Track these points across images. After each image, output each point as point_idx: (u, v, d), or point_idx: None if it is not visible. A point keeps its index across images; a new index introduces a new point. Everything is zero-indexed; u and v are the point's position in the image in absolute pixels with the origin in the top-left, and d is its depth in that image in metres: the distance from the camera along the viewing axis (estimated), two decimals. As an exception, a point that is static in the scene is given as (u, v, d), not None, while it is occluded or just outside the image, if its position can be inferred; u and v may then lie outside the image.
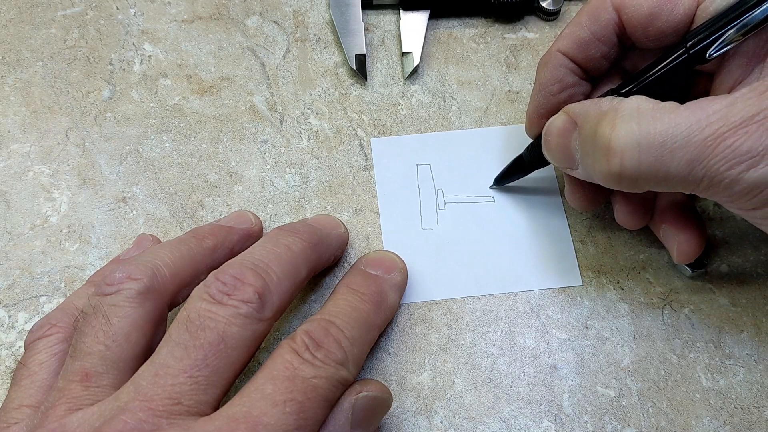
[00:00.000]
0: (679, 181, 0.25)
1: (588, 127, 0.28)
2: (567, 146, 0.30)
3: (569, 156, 0.30)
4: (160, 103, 0.41)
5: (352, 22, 0.42)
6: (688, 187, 0.26)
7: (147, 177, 0.38)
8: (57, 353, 0.28)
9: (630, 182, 0.26)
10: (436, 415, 0.32)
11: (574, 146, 0.29)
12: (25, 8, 0.44)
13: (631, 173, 0.26)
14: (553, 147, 0.31)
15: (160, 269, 0.28)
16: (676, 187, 0.26)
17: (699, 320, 0.34)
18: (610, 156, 0.26)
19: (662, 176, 0.25)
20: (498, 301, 0.35)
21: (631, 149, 0.25)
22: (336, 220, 0.35)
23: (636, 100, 0.26)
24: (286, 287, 0.28)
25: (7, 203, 0.37)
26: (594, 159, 0.27)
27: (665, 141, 0.24)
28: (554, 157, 0.31)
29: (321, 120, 0.40)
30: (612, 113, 0.26)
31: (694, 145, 0.24)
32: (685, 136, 0.24)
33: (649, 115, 0.25)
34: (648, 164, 0.25)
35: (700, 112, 0.24)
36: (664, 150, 0.24)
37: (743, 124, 0.23)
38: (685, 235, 0.32)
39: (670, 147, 0.24)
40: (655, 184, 0.26)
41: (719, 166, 0.24)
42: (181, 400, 0.24)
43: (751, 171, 0.23)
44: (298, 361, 0.26)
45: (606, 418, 0.32)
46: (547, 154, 0.32)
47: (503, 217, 0.37)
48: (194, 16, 0.44)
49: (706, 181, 0.25)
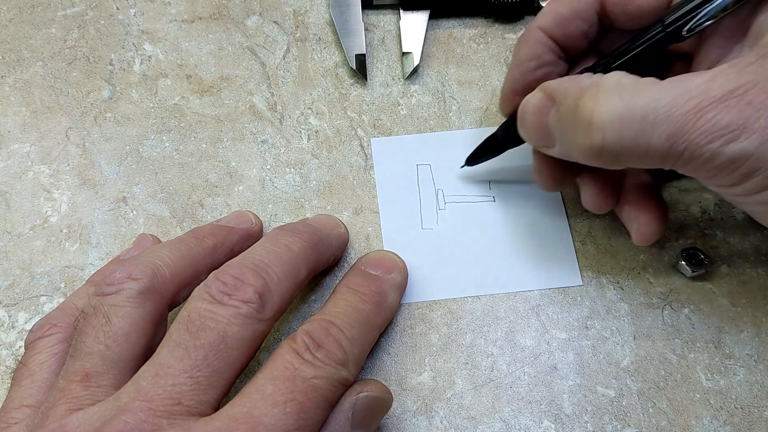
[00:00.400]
0: (660, 156, 0.25)
1: (567, 103, 0.27)
2: (544, 124, 0.29)
3: (546, 133, 0.29)
4: (160, 103, 0.41)
5: (352, 22, 0.42)
6: (668, 162, 0.26)
7: (147, 177, 0.38)
8: (57, 353, 0.28)
9: (611, 157, 0.26)
10: (436, 415, 0.32)
11: (552, 123, 0.29)
12: (25, 8, 0.44)
13: (612, 147, 0.25)
14: (529, 124, 0.30)
15: (160, 269, 0.28)
16: (656, 162, 0.26)
17: (699, 320, 0.34)
18: (591, 130, 0.26)
19: (643, 150, 0.25)
20: (498, 301, 0.35)
21: (613, 123, 0.25)
22: (336, 220, 0.35)
23: (616, 75, 0.26)
24: (286, 287, 0.28)
25: (7, 203, 0.37)
26: (574, 134, 0.27)
27: (647, 114, 0.24)
28: (530, 135, 0.31)
29: (321, 120, 0.40)
30: (593, 88, 0.26)
31: (675, 120, 0.24)
32: (667, 110, 0.24)
33: (631, 88, 0.25)
34: (630, 138, 0.25)
35: (681, 87, 0.24)
36: (646, 124, 0.25)
37: (723, 98, 0.23)
38: (645, 217, 0.32)
39: (651, 121, 0.24)
40: (636, 159, 0.26)
41: (699, 140, 0.24)
42: (181, 401, 0.24)
43: (730, 145, 0.24)
44: (298, 362, 0.26)
45: (606, 418, 0.32)
46: (522, 132, 0.31)
47: (503, 217, 0.37)
48: (194, 16, 0.44)
49: (686, 155, 0.25)
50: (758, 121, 0.23)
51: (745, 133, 0.23)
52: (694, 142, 0.24)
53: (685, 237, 0.37)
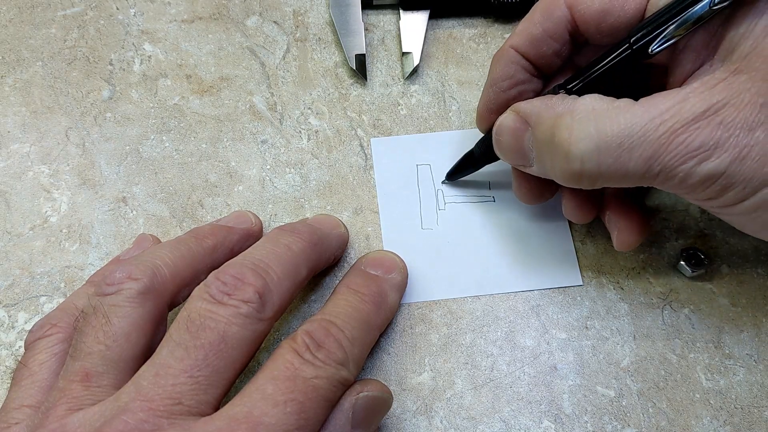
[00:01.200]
0: (638, 178, 0.26)
1: (543, 130, 0.28)
2: (520, 146, 0.30)
3: (522, 155, 0.30)
4: (160, 103, 0.41)
5: (352, 22, 0.42)
6: (645, 182, 0.26)
7: (147, 177, 0.38)
8: (57, 353, 0.28)
9: (590, 182, 0.27)
10: (436, 415, 0.32)
11: (528, 146, 0.30)
12: (25, 8, 0.44)
13: (591, 174, 0.27)
14: (505, 146, 0.31)
15: (160, 269, 0.28)
16: (634, 182, 0.27)
17: (699, 320, 0.34)
18: (569, 159, 0.27)
19: (621, 174, 0.26)
20: (498, 301, 0.35)
21: (590, 153, 0.26)
22: (336, 220, 0.35)
23: (590, 100, 0.27)
24: (286, 287, 0.28)
25: (7, 203, 0.37)
26: (553, 160, 0.28)
27: (622, 142, 0.25)
28: (506, 156, 0.32)
29: (321, 120, 0.40)
30: (568, 116, 0.27)
31: (650, 144, 0.25)
32: (641, 135, 0.25)
33: (605, 115, 0.26)
34: (607, 165, 0.26)
35: (653, 110, 0.25)
36: (622, 150, 0.25)
37: (695, 120, 0.24)
38: (625, 224, 0.33)
39: (627, 146, 0.25)
40: (615, 181, 0.27)
41: (674, 162, 0.25)
42: (181, 400, 0.24)
43: (703, 164, 0.25)
44: (298, 361, 0.26)
45: (606, 418, 0.32)
46: (499, 153, 0.32)
47: (503, 217, 0.37)
48: (194, 16, 0.44)
49: (662, 176, 0.26)
50: (729, 140, 0.24)
51: (716, 153, 0.24)
52: (668, 164, 0.25)
53: (685, 237, 0.37)
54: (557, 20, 0.30)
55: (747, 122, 0.24)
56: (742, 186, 0.25)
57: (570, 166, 0.27)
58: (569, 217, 0.34)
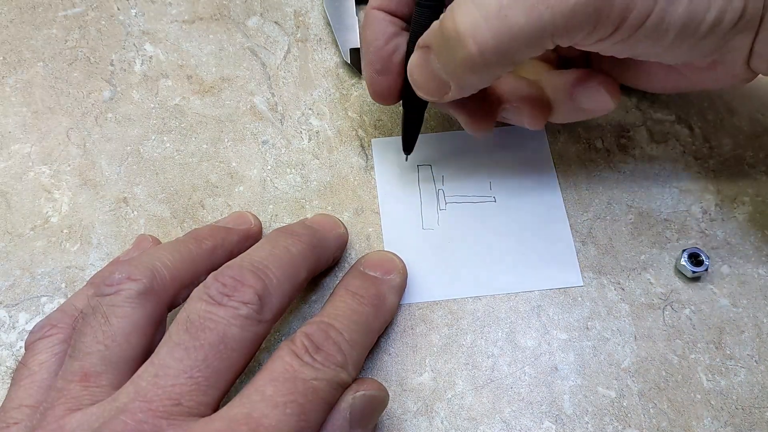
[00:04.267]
0: (534, 34, 0.26)
1: (436, 37, 0.28)
2: (431, 72, 0.30)
3: (438, 80, 0.30)
4: (160, 103, 0.41)
5: (346, 16, 0.42)
6: (546, 36, 0.26)
7: (148, 177, 0.38)
8: (57, 354, 0.28)
9: (495, 59, 0.27)
10: (436, 415, 0.32)
11: (436, 67, 0.29)
12: (26, 9, 0.44)
13: (489, 47, 0.26)
14: (421, 81, 0.31)
15: (159, 270, 0.28)
16: (537, 43, 0.26)
17: (700, 321, 0.34)
18: (463, 43, 0.27)
19: (517, 34, 0.26)
20: (499, 301, 0.35)
21: (477, 25, 0.26)
22: (335, 220, 0.35)
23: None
24: (285, 289, 0.28)
25: (8, 204, 0.37)
26: (454, 57, 0.28)
27: (501, 1, 0.25)
28: (425, 89, 0.31)
29: (322, 120, 0.40)
30: (448, 11, 0.27)
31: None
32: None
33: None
34: (497, 30, 0.26)
35: None
36: (504, 9, 0.25)
37: None
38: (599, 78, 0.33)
39: (507, 4, 0.25)
40: (517, 49, 0.27)
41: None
42: (180, 401, 0.24)
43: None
44: (298, 363, 0.26)
45: (607, 418, 0.32)
46: (419, 92, 0.32)
47: (504, 217, 0.37)
48: (195, 17, 0.44)
49: (558, 18, 0.25)
50: None
51: None
52: (557, 1, 0.25)
53: (685, 237, 0.36)
54: None
55: None
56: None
57: (468, 50, 0.27)
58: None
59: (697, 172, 0.38)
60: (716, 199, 0.38)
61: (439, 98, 0.31)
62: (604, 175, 0.38)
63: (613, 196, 0.38)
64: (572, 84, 0.33)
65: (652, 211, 0.37)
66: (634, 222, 0.37)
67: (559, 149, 0.39)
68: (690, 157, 0.39)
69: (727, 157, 0.39)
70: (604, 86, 0.32)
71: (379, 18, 0.33)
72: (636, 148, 0.39)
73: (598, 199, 0.38)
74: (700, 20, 0.26)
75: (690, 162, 0.39)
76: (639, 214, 0.37)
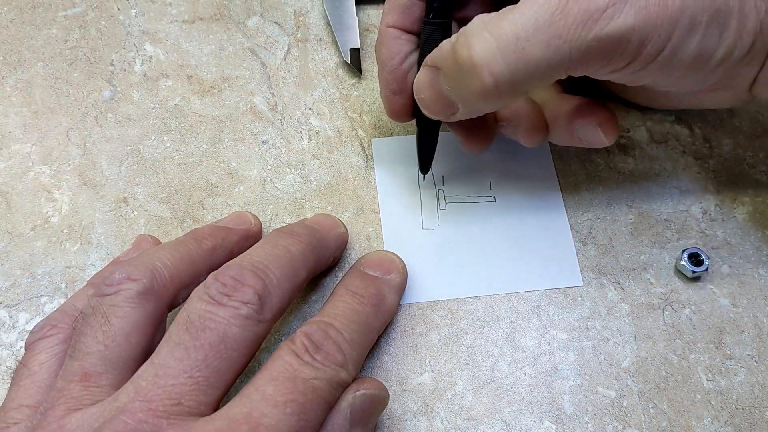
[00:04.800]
0: (551, 67, 0.26)
1: (448, 63, 0.28)
2: (440, 93, 0.30)
3: (445, 101, 0.30)
4: (161, 103, 0.41)
5: (346, 16, 0.42)
6: (561, 69, 0.26)
7: (148, 177, 0.38)
8: (57, 354, 0.28)
9: (508, 89, 0.27)
10: (436, 415, 0.32)
11: (445, 89, 0.29)
12: (26, 9, 0.44)
13: (504, 79, 0.26)
14: (429, 102, 0.31)
15: (159, 270, 0.28)
16: (551, 75, 0.27)
17: (700, 321, 0.34)
18: (478, 73, 0.27)
19: (533, 68, 0.26)
20: (499, 301, 0.35)
21: (493, 56, 0.26)
22: (335, 220, 0.35)
23: (477, 18, 0.27)
24: (285, 289, 0.28)
25: (8, 203, 0.37)
26: (467, 85, 0.28)
27: (518, 33, 0.25)
28: (433, 109, 0.31)
29: (322, 120, 0.40)
30: (462, 38, 0.27)
31: (546, 25, 0.25)
32: (534, 21, 0.25)
33: (494, 21, 0.26)
34: (514, 62, 0.26)
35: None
36: (521, 41, 0.25)
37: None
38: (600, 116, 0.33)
39: (524, 36, 0.25)
40: (531, 81, 0.27)
41: (579, 33, 0.25)
42: (181, 401, 0.24)
43: (611, 24, 0.25)
44: (298, 363, 0.26)
45: (607, 418, 0.32)
46: (426, 111, 0.32)
47: (504, 217, 0.37)
48: (195, 17, 0.44)
49: (575, 53, 0.25)
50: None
51: (617, 8, 0.25)
52: (574, 37, 0.25)
53: (686, 237, 0.37)
54: None
55: None
56: (656, 34, 0.25)
57: (482, 81, 0.27)
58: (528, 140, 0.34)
59: (697, 172, 0.38)
60: (716, 199, 0.38)
61: (445, 118, 0.31)
62: (604, 175, 0.39)
63: (613, 196, 0.38)
64: (572, 114, 0.33)
65: (652, 211, 0.37)
66: (634, 222, 0.37)
67: (559, 149, 0.39)
68: (690, 157, 0.39)
69: (727, 157, 0.39)
70: (601, 126, 0.33)
71: (393, 36, 0.33)
72: (636, 148, 0.39)
73: (598, 199, 0.38)
74: (710, 55, 0.27)
75: (690, 162, 0.39)
76: (639, 214, 0.37)
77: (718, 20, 0.26)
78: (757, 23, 0.26)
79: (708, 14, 0.26)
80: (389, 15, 0.33)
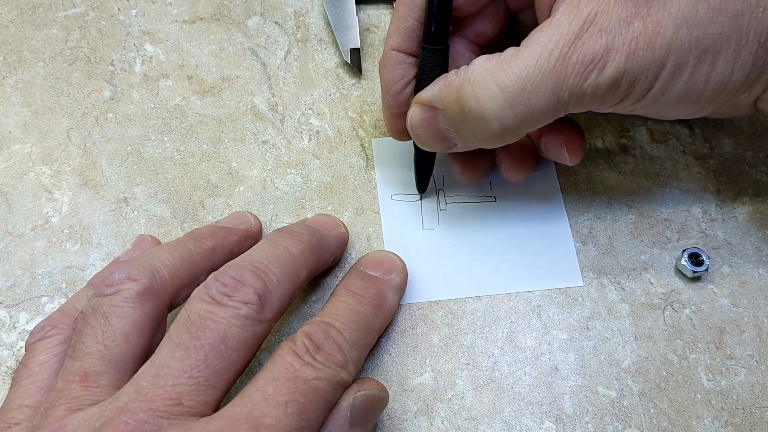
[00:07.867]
0: (553, 111, 0.28)
1: (451, 108, 0.30)
2: (437, 131, 0.31)
3: (443, 138, 0.31)
4: (161, 103, 0.41)
5: (346, 16, 0.42)
6: (561, 112, 0.28)
7: (148, 177, 0.38)
8: (58, 354, 0.28)
9: (513, 134, 0.29)
10: (437, 415, 0.32)
11: (444, 128, 0.31)
12: (27, 9, 0.44)
13: (511, 127, 0.28)
14: (425, 138, 0.32)
15: (159, 270, 0.28)
16: (552, 117, 0.29)
17: (700, 321, 0.34)
18: (486, 122, 0.28)
19: (538, 115, 0.28)
20: (499, 301, 0.35)
21: (501, 108, 0.28)
22: (335, 220, 0.35)
23: (480, 63, 0.28)
24: (285, 289, 0.28)
25: (9, 204, 0.37)
26: (473, 130, 0.29)
27: (525, 86, 0.27)
28: (429, 145, 0.33)
29: (322, 120, 0.40)
30: (467, 86, 0.28)
31: (549, 75, 0.27)
32: (537, 72, 0.27)
33: (499, 70, 0.27)
34: (522, 112, 0.28)
35: (538, 46, 0.27)
36: (528, 93, 0.27)
37: (577, 37, 0.26)
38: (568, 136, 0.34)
39: (531, 88, 0.27)
40: (535, 124, 0.29)
41: (578, 81, 0.27)
42: (181, 401, 0.24)
43: (604, 71, 0.27)
44: (298, 363, 0.26)
45: (607, 418, 0.32)
46: (422, 146, 0.33)
47: (504, 217, 0.37)
48: (195, 17, 0.44)
49: (573, 99, 0.27)
50: (615, 40, 0.26)
51: (610, 56, 0.26)
52: (574, 86, 0.27)
53: (686, 237, 0.37)
54: (422, 6, 0.31)
55: (621, 19, 0.26)
56: (644, 76, 0.27)
57: (490, 128, 0.28)
58: (512, 176, 0.36)
59: (698, 172, 0.38)
60: (716, 199, 0.38)
61: (441, 151, 0.33)
62: (604, 175, 0.39)
63: (613, 196, 0.38)
64: (542, 129, 0.34)
65: (652, 211, 0.37)
66: (635, 222, 0.37)
67: (560, 149, 0.39)
68: (690, 157, 0.39)
69: (728, 157, 0.39)
70: (567, 146, 0.34)
71: (396, 61, 0.33)
72: (636, 148, 0.39)
73: (598, 199, 0.38)
74: (701, 90, 0.28)
75: (690, 162, 0.39)
76: (639, 214, 0.37)
77: (706, 59, 0.27)
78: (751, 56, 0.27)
79: (695, 55, 0.27)
80: (393, 37, 0.33)
